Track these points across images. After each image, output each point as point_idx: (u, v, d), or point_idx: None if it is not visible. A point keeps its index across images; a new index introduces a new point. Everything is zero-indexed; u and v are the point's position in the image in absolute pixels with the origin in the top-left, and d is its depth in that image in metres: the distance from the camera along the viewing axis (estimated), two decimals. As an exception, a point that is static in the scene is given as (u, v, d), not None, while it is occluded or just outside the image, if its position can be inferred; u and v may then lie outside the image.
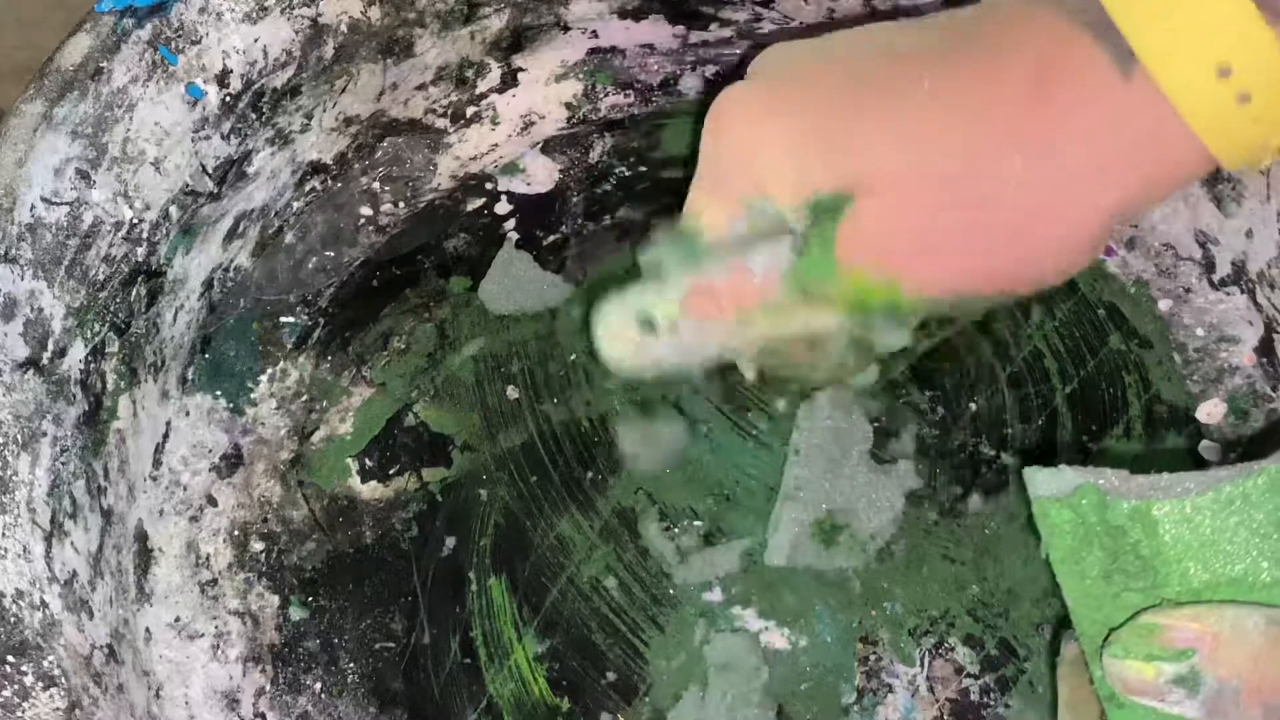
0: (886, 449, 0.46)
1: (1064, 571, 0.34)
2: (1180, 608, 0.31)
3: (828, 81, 0.34)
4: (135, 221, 0.42)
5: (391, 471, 0.47)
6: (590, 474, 0.47)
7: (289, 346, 0.49)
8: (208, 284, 0.47)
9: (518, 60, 0.51)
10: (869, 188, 0.33)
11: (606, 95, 0.53)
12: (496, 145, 0.52)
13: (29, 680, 0.36)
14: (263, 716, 0.44)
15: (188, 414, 0.47)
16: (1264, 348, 0.47)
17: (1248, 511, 0.31)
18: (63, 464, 0.40)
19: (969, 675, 0.44)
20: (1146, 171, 0.31)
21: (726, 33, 0.52)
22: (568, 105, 0.53)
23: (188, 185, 0.44)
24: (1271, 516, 0.31)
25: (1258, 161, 0.31)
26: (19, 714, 0.35)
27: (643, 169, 0.52)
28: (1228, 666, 0.29)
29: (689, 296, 0.36)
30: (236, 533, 0.46)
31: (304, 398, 0.48)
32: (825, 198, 0.33)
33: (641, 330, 0.36)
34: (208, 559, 0.46)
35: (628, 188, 0.52)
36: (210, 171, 0.45)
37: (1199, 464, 0.46)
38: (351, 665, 0.45)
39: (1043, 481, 0.34)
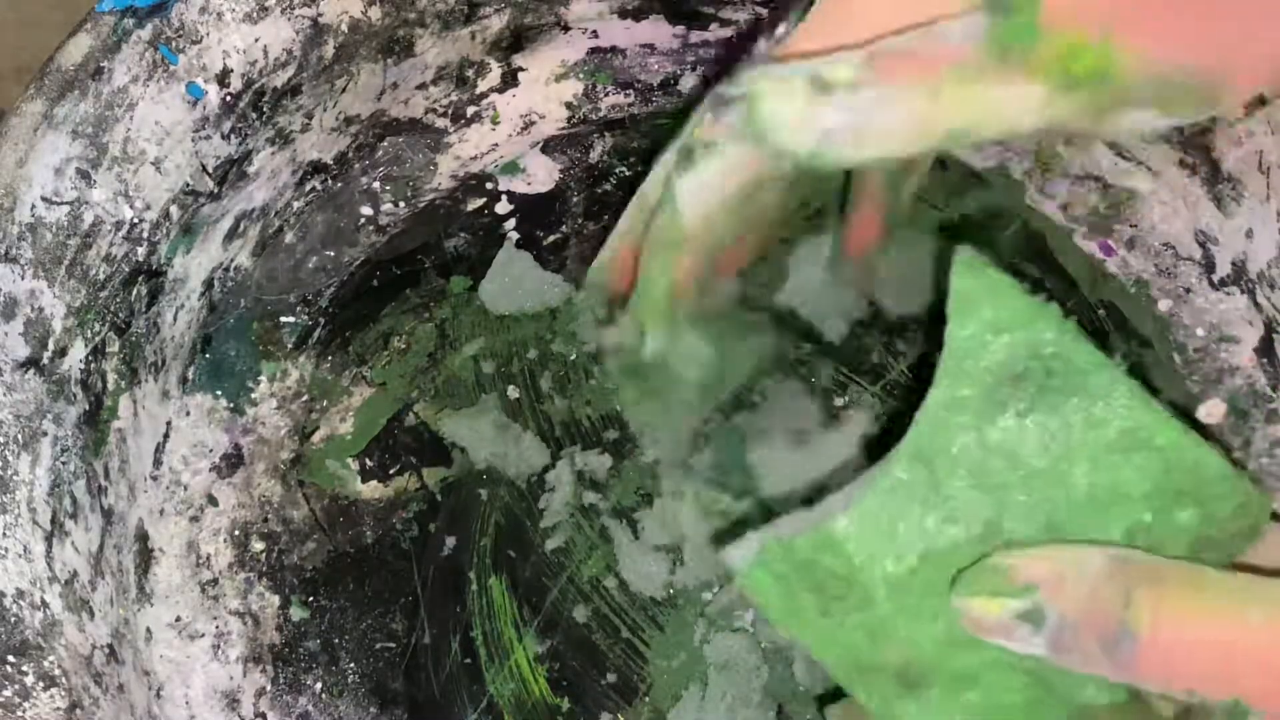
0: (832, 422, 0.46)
1: (791, 628, 0.33)
2: (1027, 549, 0.30)
3: None
4: (136, 221, 0.42)
5: (391, 471, 0.47)
6: (591, 473, 0.47)
7: (289, 346, 0.49)
8: (208, 284, 0.47)
9: (518, 60, 0.51)
10: None
11: (607, 95, 0.53)
12: (497, 145, 0.52)
13: (29, 680, 0.36)
14: (263, 716, 0.44)
15: (188, 414, 0.47)
16: (1264, 348, 0.47)
17: (906, 490, 0.31)
18: (63, 464, 0.40)
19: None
20: None
21: (727, 33, 0.52)
22: (568, 105, 0.53)
23: (188, 185, 0.44)
24: (925, 482, 0.31)
25: None
26: (19, 714, 0.35)
27: (643, 169, 0.52)
28: (1069, 602, 0.29)
29: (873, 57, 0.29)
30: (237, 533, 0.46)
31: (304, 398, 0.49)
32: None
33: (813, 89, 0.29)
34: (208, 559, 0.46)
35: (628, 188, 0.52)
36: (210, 171, 0.45)
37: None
38: (352, 665, 0.45)
39: (736, 557, 0.33)
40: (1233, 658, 0.27)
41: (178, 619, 0.45)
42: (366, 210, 0.51)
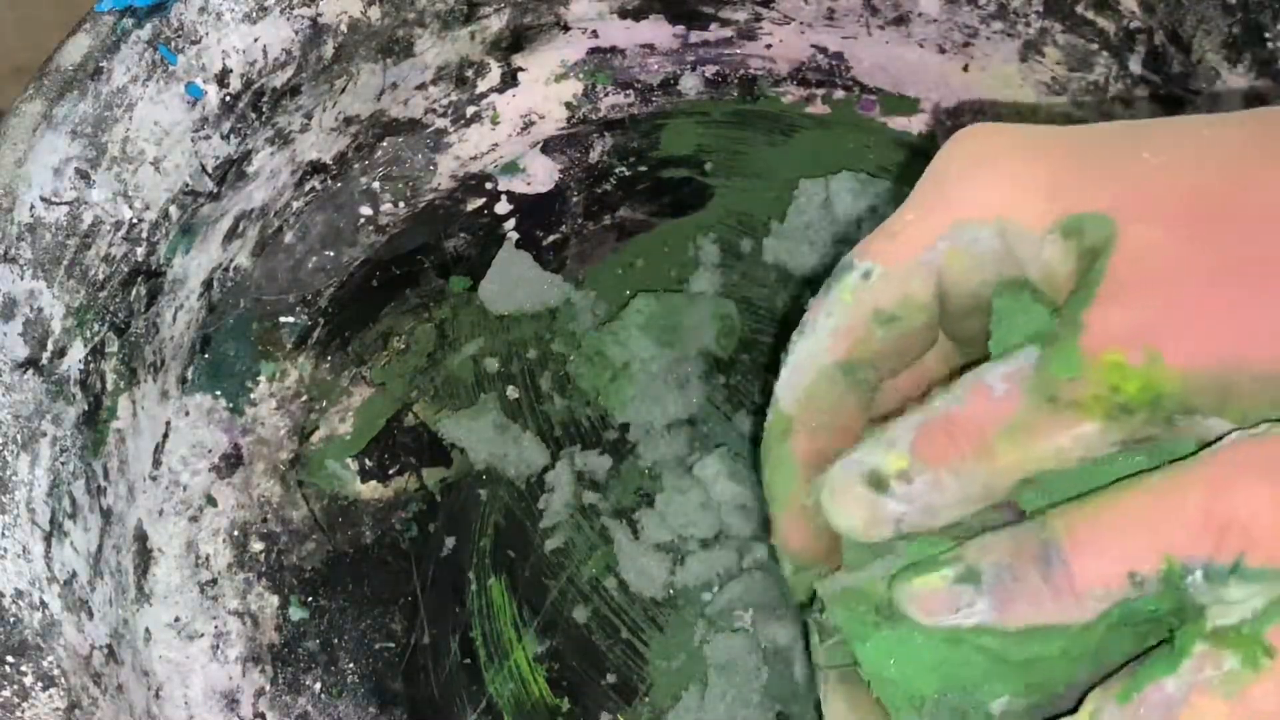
0: None
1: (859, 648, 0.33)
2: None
3: (1088, 127, 0.30)
4: (135, 221, 0.42)
5: (391, 471, 0.47)
6: (590, 473, 0.47)
7: (288, 346, 0.49)
8: (207, 284, 0.47)
9: (518, 60, 0.51)
10: (1131, 216, 0.27)
11: (606, 95, 0.53)
12: (496, 145, 0.52)
13: (28, 680, 0.36)
14: (262, 716, 0.44)
15: (187, 414, 0.47)
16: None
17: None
18: (62, 464, 0.40)
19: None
20: None
21: (727, 33, 0.52)
22: (568, 105, 0.53)
23: (187, 185, 0.44)
24: None
25: None
26: (18, 714, 0.35)
27: (643, 169, 0.52)
28: (992, 552, 0.28)
29: (917, 441, 0.29)
30: (236, 533, 0.46)
31: (304, 398, 0.48)
32: (1083, 219, 0.27)
33: (871, 489, 0.29)
34: (207, 559, 0.46)
35: (628, 188, 0.52)
36: (210, 171, 0.45)
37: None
38: (351, 665, 0.45)
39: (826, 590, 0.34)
40: None
41: (177, 619, 0.45)
42: (366, 210, 0.51)
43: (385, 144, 0.51)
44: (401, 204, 0.51)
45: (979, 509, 0.30)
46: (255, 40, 0.43)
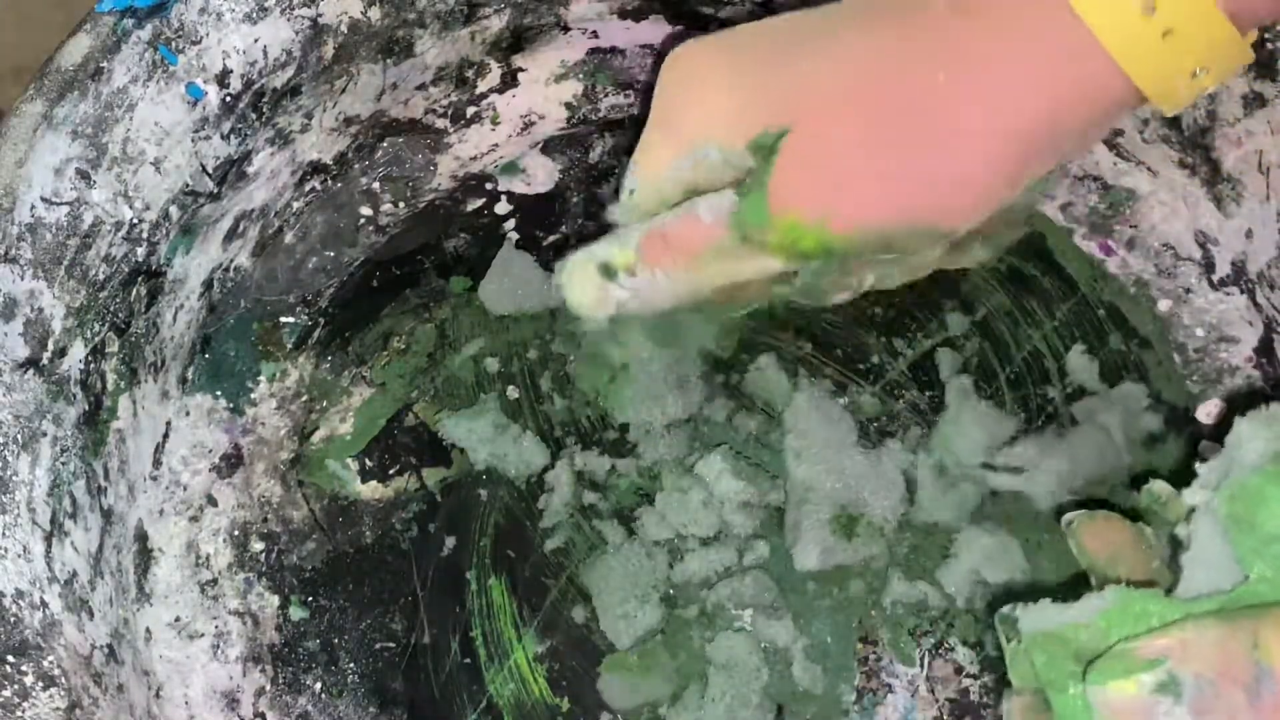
0: (875, 440, 0.46)
1: (1052, 688, 0.35)
2: (1147, 632, 0.32)
3: (769, 32, 0.36)
4: (135, 221, 0.42)
5: (391, 471, 0.47)
6: (590, 473, 0.47)
7: (289, 346, 0.49)
8: (208, 284, 0.47)
9: (518, 60, 0.51)
10: (801, 119, 0.34)
11: (606, 95, 0.53)
12: (496, 145, 0.52)
13: (29, 680, 0.36)
14: (263, 716, 0.44)
15: (188, 414, 0.47)
16: (1263, 348, 0.47)
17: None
18: (63, 464, 0.40)
19: (969, 675, 0.44)
20: (1068, 94, 0.32)
21: (726, 33, 0.52)
22: (568, 105, 0.53)
23: (188, 185, 0.44)
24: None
25: (1178, 97, 0.32)
26: (19, 714, 0.35)
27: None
28: (1199, 661, 0.30)
29: (643, 242, 0.37)
30: (236, 533, 0.46)
31: (304, 398, 0.49)
32: (765, 136, 0.34)
33: (602, 276, 0.38)
34: (208, 559, 0.46)
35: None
36: (210, 171, 0.45)
37: (1199, 463, 0.46)
38: (351, 665, 0.45)
39: (1025, 621, 0.36)
40: None
41: (177, 619, 0.45)
42: (366, 211, 0.51)
43: (385, 144, 0.51)
44: (402, 204, 0.51)
45: (688, 308, 0.38)
46: (255, 40, 0.43)
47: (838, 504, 0.44)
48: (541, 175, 0.52)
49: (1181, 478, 0.39)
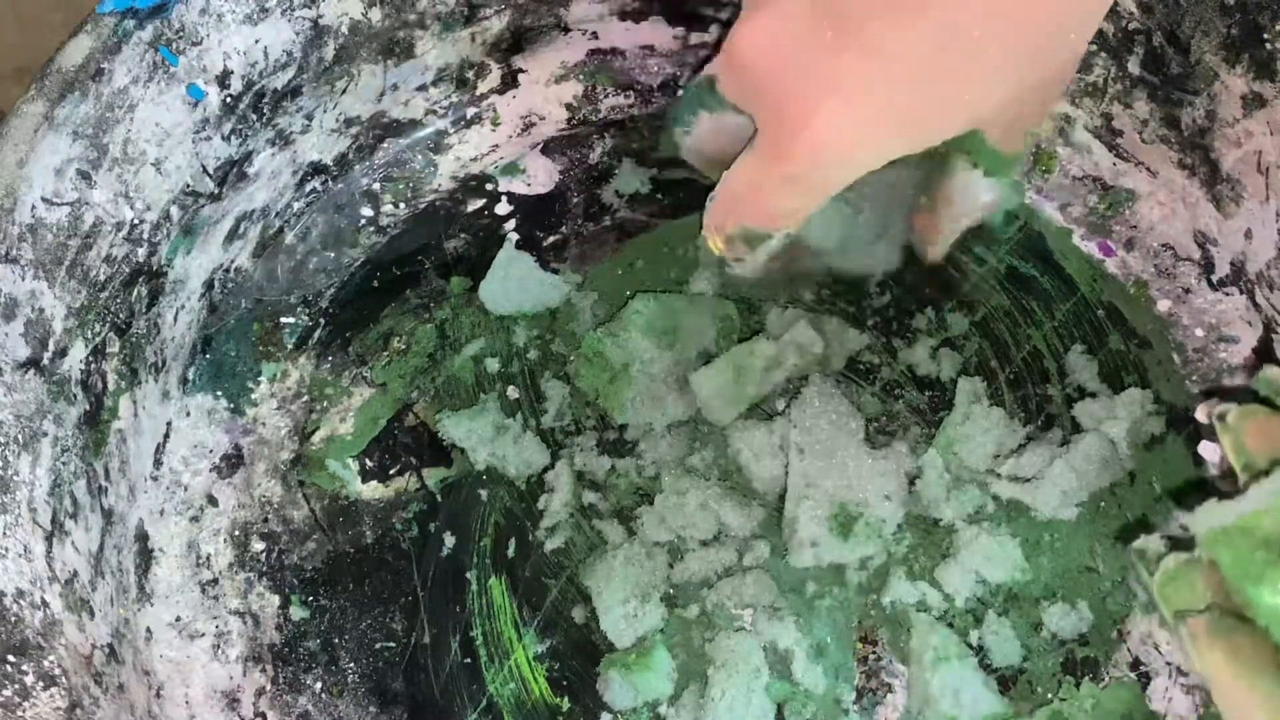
0: (879, 440, 0.46)
1: (1244, 583, 0.33)
2: None
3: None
4: (136, 222, 0.43)
5: (391, 471, 0.47)
6: (590, 473, 0.47)
7: (289, 347, 0.49)
8: (208, 284, 0.47)
9: (518, 61, 0.51)
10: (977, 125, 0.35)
11: (607, 96, 0.53)
12: (497, 146, 0.52)
13: (30, 680, 0.36)
14: (263, 716, 0.44)
15: (188, 414, 0.47)
16: (1263, 348, 0.47)
17: None
18: (63, 464, 0.40)
19: (968, 675, 0.44)
20: None
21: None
22: (568, 106, 0.53)
23: (188, 186, 0.44)
24: None
25: None
26: (19, 713, 0.35)
27: (643, 169, 0.52)
28: None
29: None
30: (237, 533, 0.46)
31: (304, 398, 0.49)
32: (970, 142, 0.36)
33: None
34: (208, 559, 0.46)
35: (628, 188, 0.52)
36: (211, 172, 0.45)
37: (1198, 464, 0.46)
38: (351, 665, 0.45)
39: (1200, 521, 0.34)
40: None
41: (178, 619, 0.45)
42: (367, 211, 0.51)
43: (386, 145, 0.51)
44: (402, 205, 0.51)
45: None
46: (256, 42, 0.44)
47: (836, 502, 0.44)
48: (541, 176, 0.52)
49: (1181, 476, 0.39)
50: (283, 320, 0.49)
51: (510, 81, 0.52)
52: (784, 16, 0.35)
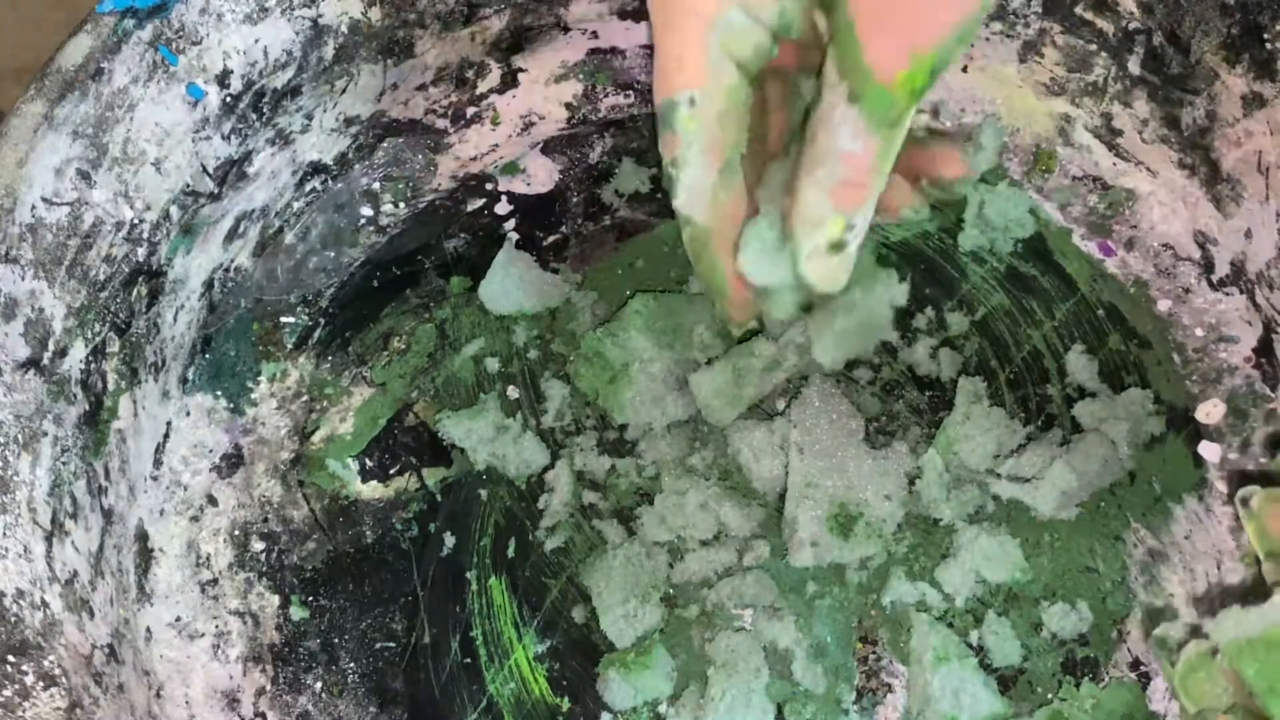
0: (879, 440, 0.46)
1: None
2: None
3: None
4: (136, 222, 0.43)
5: (391, 471, 0.47)
6: (590, 473, 0.47)
7: (289, 346, 0.49)
8: (208, 284, 0.47)
9: (518, 61, 0.51)
10: None
11: (606, 96, 0.53)
12: (497, 145, 0.52)
13: (29, 680, 0.36)
14: (263, 716, 0.44)
15: (188, 414, 0.47)
16: (1263, 348, 0.47)
17: None
18: (63, 464, 0.40)
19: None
20: None
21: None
22: (568, 105, 0.53)
23: (188, 185, 0.44)
24: None
25: None
26: (20, 713, 0.35)
27: (643, 169, 0.52)
28: None
29: (835, 202, 0.35)
30: (237, 532, 0.46)
31: (304, 398, 0.49)
32: None
33: (836, 252, 0.36)
34: (208, 559, 0.46)
35: (627, 188, 0.52)
36: (211, 172, 0.45)
37: (1198, 464, 0.46)
38: (352, 665, 0.45)
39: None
40: None
41: (178, 619, 0.45)
42: (366, 211, 0.51)
43: (386, 144, 0.51)
44: (402, 204, 0.51)
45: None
46: (256, 41, 0.44)
47: (837, 502, 0.44)
48: (541, 175, 0.52)
49: (1181, 477, 0.39)
50: (282, 320, 0.49)
51: (510, 81, 0.52)
52: None
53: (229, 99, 0.44)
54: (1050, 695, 0.43)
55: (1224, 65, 0.44)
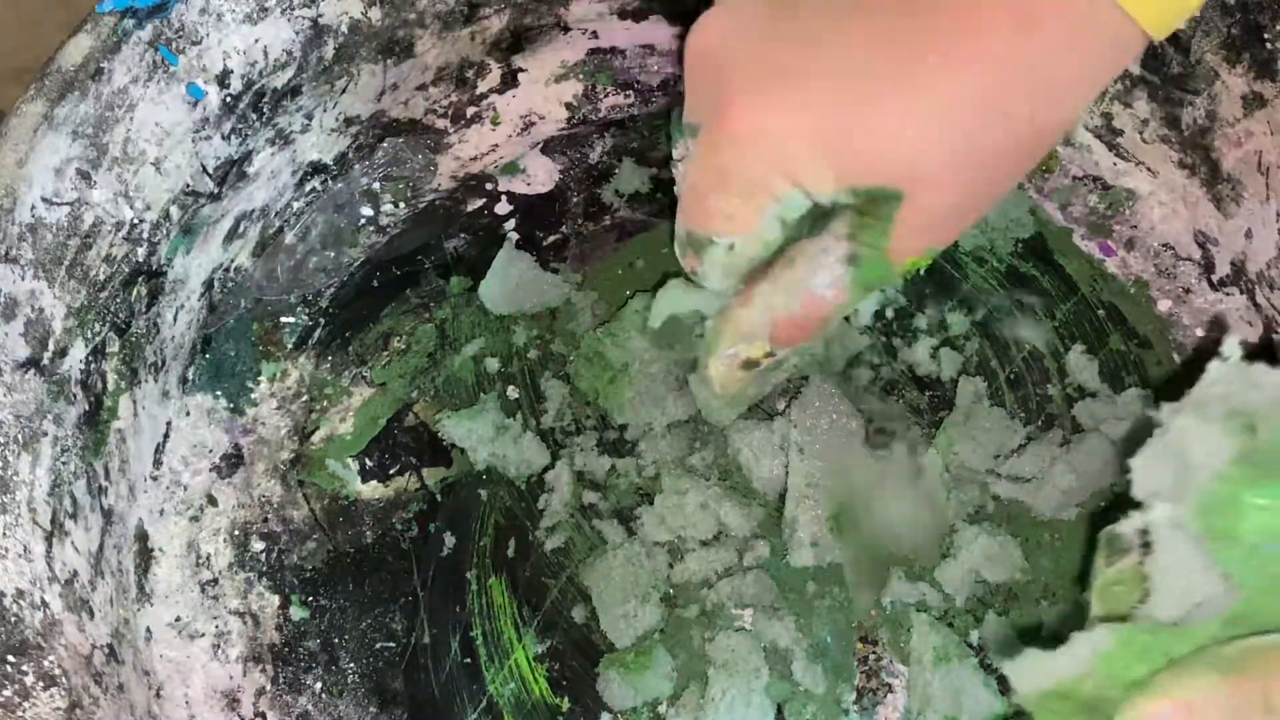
0: (879, 440, 0.46)
1: None
2: (1146, 688, 0.31)
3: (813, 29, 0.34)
4: (136, 222, 0.43)
5: (391, 471, 0.47)
6: (590, 473, 0.47)
7: (289, 347, 0.49)
8: (208, 284, 0.47)
9: (518, 61, 0.51)
10: (912, 189, 0.33)
11: (607, 95, 0.53)
12: (497, 145, 0.52)
13: (29, 680, 0.36)
14: (263, 716, 0.44)
15: (188, 414, 0.47)
16: (1263, 348, 0.47)
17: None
18: (63, 464, 0.40)
19: (968, 675, 0.44)
20: (1108, 68, 0.33)
21: (726, 33, 0.52)
22: (568, 105, 0.53)
23: (188, 185, 0.44)
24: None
25: (1173, 22, 0.32)
26: (19, 714, 0.35)
27: (643, 169, 0.52)
28: None
29: (775, 334, 0.38)
30: (237, 532, 0.46)
31: (304, 398, 0.49)
32: (871, 189, 0.33)
33: (746, 370, 0.39)
34: (208, 559, 0.46)
35: (627, 188, 0.52)
36: (211, 172, 0.45)
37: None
38: (351, 665, 0.45)
39: (1021, 680, 0.34)
40: None
41: (178, 619, 0.45)
42: (366, 211, 0.51)
43: (386, 144, 0.51)
44: (402, 204, 0.51)
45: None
46: (256, 41, 0.43)
47: (837, 502, 0.44)
48: (541, 175, 0.52)
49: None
50: (282, 320, 0.49)
51: (510, 81, 0.52)
52: (736, 10, 0.34)
53: (229, 99, 0.44)
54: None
55: (1224, 65, 0.44)
